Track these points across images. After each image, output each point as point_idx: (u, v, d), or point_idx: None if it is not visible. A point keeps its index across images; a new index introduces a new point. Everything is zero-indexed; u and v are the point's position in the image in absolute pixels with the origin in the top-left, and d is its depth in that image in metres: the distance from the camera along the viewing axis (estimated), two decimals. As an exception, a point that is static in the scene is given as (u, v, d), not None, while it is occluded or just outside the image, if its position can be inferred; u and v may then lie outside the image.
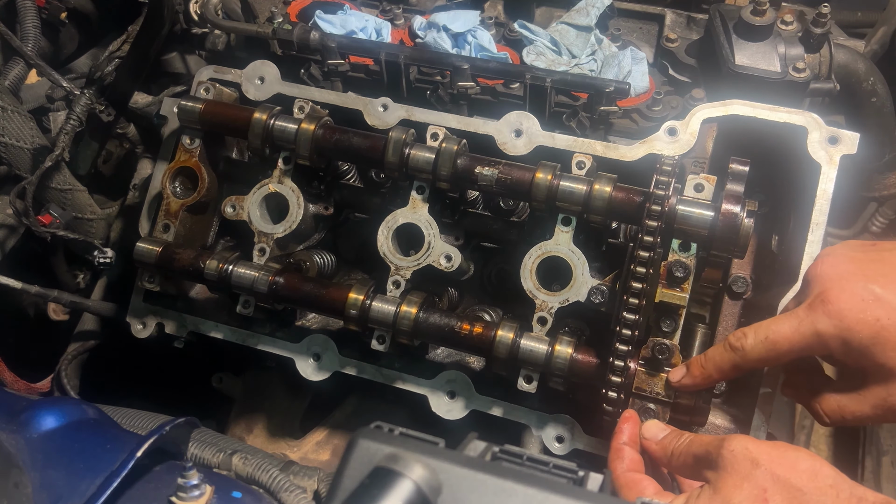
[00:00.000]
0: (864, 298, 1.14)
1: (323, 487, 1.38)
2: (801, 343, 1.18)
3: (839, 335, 1.15)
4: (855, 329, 1.13)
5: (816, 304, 1.17)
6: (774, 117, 1.47)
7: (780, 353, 1.20)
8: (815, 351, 1.20)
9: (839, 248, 1.25)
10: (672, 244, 1.39)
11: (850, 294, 1.15)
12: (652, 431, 1.26)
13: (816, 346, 1.18)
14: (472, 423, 1.49)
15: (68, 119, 1.82)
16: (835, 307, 1.15)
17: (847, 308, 1.14)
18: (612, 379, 1.32)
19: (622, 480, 1.18)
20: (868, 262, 1.19)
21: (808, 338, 1.17)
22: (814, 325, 1.17)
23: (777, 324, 1.21)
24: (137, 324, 1.68)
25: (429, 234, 1.52)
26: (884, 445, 2.31)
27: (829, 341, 1.16)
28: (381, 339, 1.50)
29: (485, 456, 0.92)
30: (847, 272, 1.18)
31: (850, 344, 1.14)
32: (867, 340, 1.13)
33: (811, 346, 1.18)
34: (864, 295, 1.14)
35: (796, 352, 1.20)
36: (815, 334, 1.17)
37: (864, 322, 1.13)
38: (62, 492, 1.08)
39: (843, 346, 1.15)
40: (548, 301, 1.44)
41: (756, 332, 1.23)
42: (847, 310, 1.14)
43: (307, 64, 1.88)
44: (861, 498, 1.02)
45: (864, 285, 1.15)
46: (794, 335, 1.18)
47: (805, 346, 1.18)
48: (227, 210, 1.61)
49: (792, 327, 1.19)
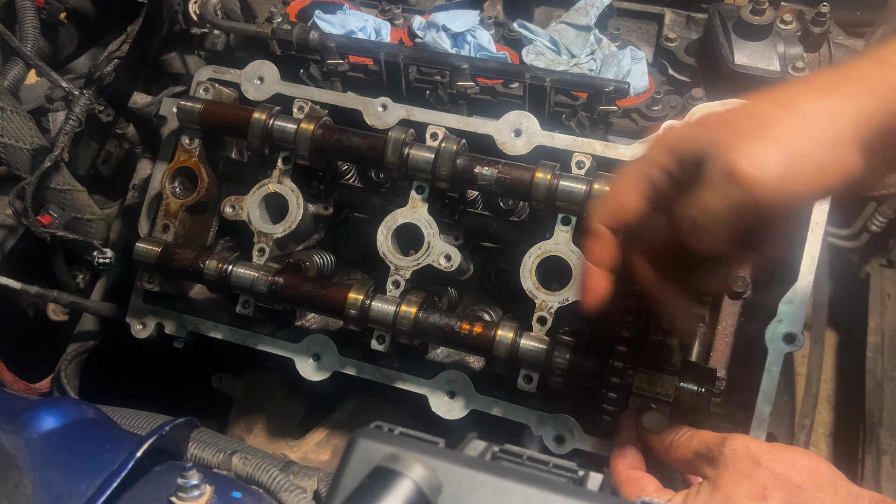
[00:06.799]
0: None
1: (323, 487, 1.38)
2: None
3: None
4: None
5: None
6: (774, 117, 1.47)
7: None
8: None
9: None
10: (672, 244, 1.39)
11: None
12: (651, 422, 1.26)
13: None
14: (472, 423, 1.49)
15: (67, 119, 1.82)
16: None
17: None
18: (611, 379, 1.32)
19: (623, 478, 1.19)
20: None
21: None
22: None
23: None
24: (137, 324, 1.68)
25: (428, 233, 1.52)
26: (884, 445, 2.31)
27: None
28: (380, 339, 1.50)
29: (485, 456, 0.92)
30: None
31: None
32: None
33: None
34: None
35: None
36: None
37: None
38: (62, 492, 1.08)
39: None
40: (547, 301, 1.44)
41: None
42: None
43: (306, 64, 1.88)
44: (858, 495, 1.02)
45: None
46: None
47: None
48: (226, 210, 1.61)
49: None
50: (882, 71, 0.93)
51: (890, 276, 2.60)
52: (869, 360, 2.47)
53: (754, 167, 0.92)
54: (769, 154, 0.92)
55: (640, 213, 1.07)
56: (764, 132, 0.94)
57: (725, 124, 0.98)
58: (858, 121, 0.93)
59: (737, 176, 0.93)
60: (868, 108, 0.93)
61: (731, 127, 0.97)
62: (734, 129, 0.96)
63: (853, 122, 0.93)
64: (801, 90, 0.96)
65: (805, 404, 2.27)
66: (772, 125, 0.94)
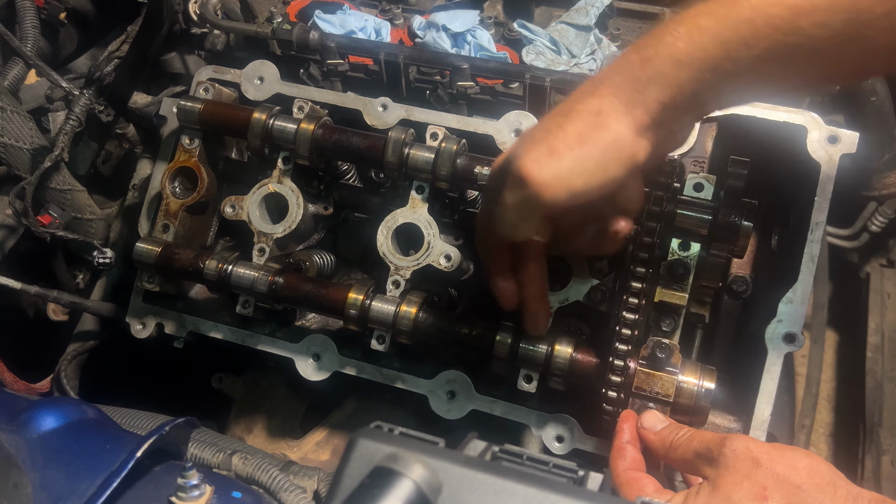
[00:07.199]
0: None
1: (323, 487, 1.38)
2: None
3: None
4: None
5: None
6: (774, 116, 1.47)
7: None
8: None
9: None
10: (672, 244, 1.39)
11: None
12: (650, 422, 1.26)
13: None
14: (472, 423, 1.49)
15: (67, 119, 1.82)
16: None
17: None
18: (611, 378, 1.32)
19: (623, 478, 1.18)
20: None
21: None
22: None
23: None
24: (137, 324, 1.68)
25: (428, 233, 1.52)
26: (884, 445, 2.31)
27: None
28: (380, 339, 1.50)
29: (485, 455, 0.92)
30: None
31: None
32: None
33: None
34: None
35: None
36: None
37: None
38: (62, 492, 1.08)
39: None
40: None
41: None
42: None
43: (306, 64, 1.88)
44: (858, 495, 1.02)
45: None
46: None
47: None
48: (226, 210, 1.61)
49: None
50: (644, 66, 1.07)
51: (890, 276, 2.61)
52: (869, 360, 2.47)
53: (534, 168, 1.11)
54: (544, 156, 1.11)
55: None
56: (546, 137, 1.13)
57: (524, 135, 1.21)
58: (633, 114, 1.08)
59: (524, 178, 1.12)
60: (636, 101, 1.08)
61: (527, 137, 1.18)
62: (529, 138, 1.17)
63: (625, 116, 1.08)
64: (579, 96, 1.13)
65: (805, 404, 2.27)
66: (552, 131, 1.12)
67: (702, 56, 1.03)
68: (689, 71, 1.04)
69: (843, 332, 2.85)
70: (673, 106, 1.07)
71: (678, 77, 1.05)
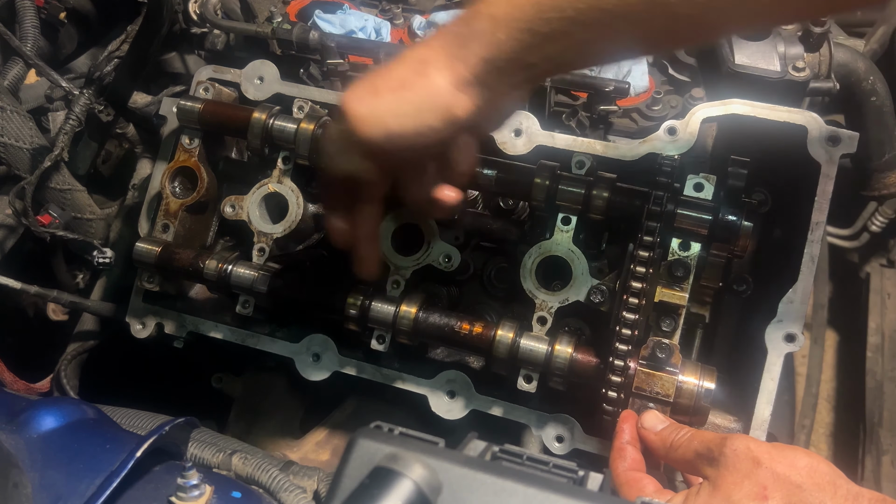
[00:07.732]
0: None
1: (323, 487, 1.38)
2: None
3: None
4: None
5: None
6: (774, 116, 1.47)
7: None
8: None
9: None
10: (672, 244, 1.39)
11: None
12: (650, 422, 1.26)
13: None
14: (472, 423, 1.49)
15: (67, 119, 1.82)
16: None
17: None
18: (611, 378, 1.32)
19: (623, 479, 1.18)
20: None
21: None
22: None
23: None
24: (137, 324, 1.68)
25: (429, 234, 1.51)
26: (884, 445, 2.31)
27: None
28: (380, 339, 1.50)
29: (485, 456, 0.92)
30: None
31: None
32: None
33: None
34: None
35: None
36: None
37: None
38: (62, 492, 1.07)
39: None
40: (548, 301, 1.44)
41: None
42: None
43: (306, 63, 1.88)
44: (858, 494, 1.02)
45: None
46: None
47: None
48: (226, 210, 1.61)
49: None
50: (469, 23, 1.09)
51: (890, 276, 2.61)
52: (869, 360, 2.48)
53: (354, 104, 1.15)
54: (366, 94, 1.15)
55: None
56: (373, 78, 1.16)
57: (356, 82, 1.22)
58: (454, 68, 1.10)
59: (344, 112, 1.16)
60: (458, 55, 1.09)
61: (361, 77, 1.20)
62: (362, 78, 1.19)
63: (446, 68, 1.10)
64: (415, 45, 1.18)
65: (805, 404, 2.28)
66: (381, 73, 1.16)
67: (518, 16, 1.03)
68: (507, 30, 1.05)
69: (843, 332, 2.85)
70: (494, 64, 1.08)
71: (496, 35, 1.06)
